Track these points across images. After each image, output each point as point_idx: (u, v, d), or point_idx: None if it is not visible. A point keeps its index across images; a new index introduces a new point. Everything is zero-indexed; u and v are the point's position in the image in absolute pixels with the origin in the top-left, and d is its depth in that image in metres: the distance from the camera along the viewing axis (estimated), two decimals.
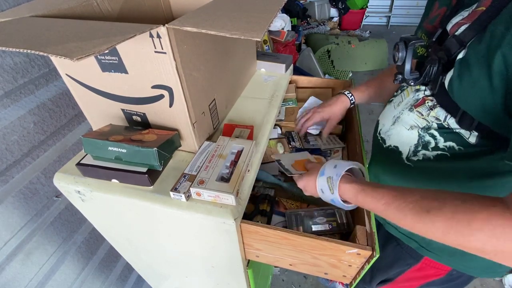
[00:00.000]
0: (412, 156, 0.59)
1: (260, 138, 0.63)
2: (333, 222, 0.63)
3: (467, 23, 0.47)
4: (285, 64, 0.86)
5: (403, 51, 0.54)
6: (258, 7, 0.42)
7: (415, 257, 0.67)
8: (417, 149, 0.57)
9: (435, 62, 0.51)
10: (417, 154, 0.58)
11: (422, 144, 0.56)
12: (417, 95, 0.58)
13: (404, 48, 0.53)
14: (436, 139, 0.54)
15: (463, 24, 0.48)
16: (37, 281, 0.73)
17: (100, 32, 0.34)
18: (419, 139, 0.56)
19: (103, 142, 0.49)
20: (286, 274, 1.52)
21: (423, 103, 0.56)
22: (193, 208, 0.49)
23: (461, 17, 0.50)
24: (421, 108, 0.56)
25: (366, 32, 3.82)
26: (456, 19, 0.51)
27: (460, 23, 0.49)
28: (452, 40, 0.49)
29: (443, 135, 0.53)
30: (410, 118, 0.58)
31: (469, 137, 0.49)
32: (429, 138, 0.55)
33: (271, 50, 2.06)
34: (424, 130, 0.55)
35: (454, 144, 0.52)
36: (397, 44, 0.55)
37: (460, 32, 0.48)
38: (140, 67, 0.46)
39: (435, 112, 0.53)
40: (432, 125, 0.54)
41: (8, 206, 0.62)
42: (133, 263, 0.87)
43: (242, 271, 0.65)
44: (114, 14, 0.58)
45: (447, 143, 0.53)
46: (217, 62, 0.58)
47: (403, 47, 0.53)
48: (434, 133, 0.54)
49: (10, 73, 0.58)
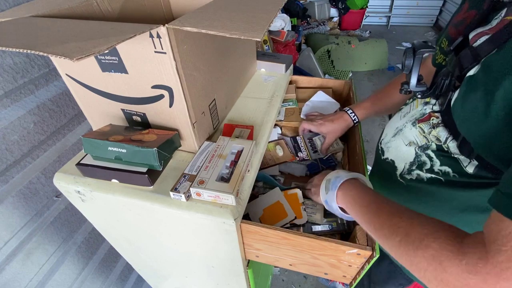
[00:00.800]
0: (405, 173, 0.56)
1: (260, 138, 0.63)
2: (333, 223, 0.63)
3: (490, 34, 0.40)
4: (285, 64, 0.86)
5: (410, 59, 0.49)
6: (258, 7, 0.42)
7: (406, 278, 0.65)
8: (412, 168, 0.54)
9: (448, 75, 0.46)
10: (411, 173, 0.54)
11: (417, 163, 0.52)
12: (424, 109, 0.53)
13: (412, 56, 0.48)
14: (432, 161, 0.50)
15: (485, 35, 0.41)
16: (37, 281, 0.73)
17: (100, 32, 0.34)
18: (415, 157, 0.53)
19: (103, 142, 0.49)
20: (286, 274, 1.52)
21: (428, 119, 0.51)
22: (193, 208, 0.49)
23: (490, 26, 0.42)
24: (424, 124, 0.51)
25: (366, 32, 3.83)
26: (482, 28, 0.43)
27: (483, 33, 0.42)
28: (467, 52, 0.42)
29: (439, 158, 0.49)
30: (411, 133, 0.54)
31: (467, 166, 0.45)
32: (425, 159, 0.51)
33: (271, 50, 2.06)
34: (422, 149, 0.51)
35: (450, 170, 0.48)
36: (406, 51, 0.50)
37: (478, 44, 0.41)
38: (140, 67, 0.46)
39: (436, 132, 0.49)
40: (431, 146, 0.50)
41: (8, 206, 0.62)
42: (133, 263, 0.87)
43: (242, 271, 0.65)
44: (114, 14, 0.58)
45: (442, 167, 0.49)
46: (217, 62, 0.58)
47: (411, 55, 0.49)
48: (431, 154, 0.50)
49: (10, 73, 0.58)
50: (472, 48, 0.42)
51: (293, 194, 0.67)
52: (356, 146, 0.73)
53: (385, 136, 0.63)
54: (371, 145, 2.25)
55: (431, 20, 4.15)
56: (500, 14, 0.40)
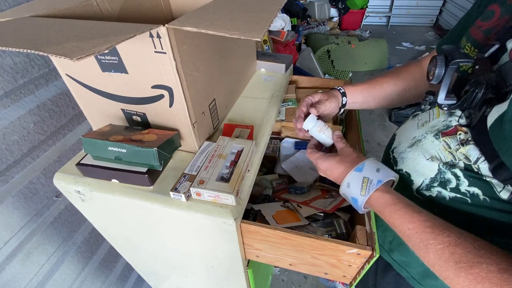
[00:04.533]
0: (424, 189, 0.49)
1: (260, 138, 0.63)
2: (332, 232, 0.63)
3: None
4: (285, 64, 0.86)
5: (442, 68, 0.41)
6: (258, 7, 0.42)
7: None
8: (432, 184, 0.48)
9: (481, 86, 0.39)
10: (430, 190, 0.48)
11: (440, 180, 0.47)
12: (449, 121, 0.47)
13: (444, 65, 0.41)
14: (459, 181, 0.44)
15: None
16: (37, 281, 0.73)
17: (100, 32, 0.34)
18: (438, 174, 0.47)
19: (103, 142, 0.49)
20: (286, 274, 1.52)
21: (454, 133, 0.45)
22: (193, 208, 0.49)
23: None
24: (450, 139, 0.45)
25: (366, 32, 3.83)
26: None
27: None
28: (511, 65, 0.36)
29: (468, 179, 0.43)
30: (434, 146, 0.47)
31: (501, 191, 0.40)
32: (450, 177, 0.45)
33: (271, 50, 2.06)
34: (447, 167, 0.45)
35: (479, 192, 0.42)
36: (436, 58, 0.42)
37: None
38: (140, 67, 0.46)
39: (465, 150, 0.43)
40: (458, 164, 0.44)
41: (8, 206, 0.62)
42: (133, 263, 0.87)
43: (242, 271, 0.65)
44: (114, 14, 0.58)
45: (471, 188, 0.43)
46: (217, 62, 0.58)
47: (443, 64, 0.41)
48: (458, 173, 0.44)
49: (10, 73, 0.58)
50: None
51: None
52: (356, 146, 0.73)
53: (399, 144, 0.56)
54: (371, 145, 2.25)
55: (431, 20, 4.15)
56: None
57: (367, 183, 0.47)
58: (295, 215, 0.66)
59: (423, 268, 0.54)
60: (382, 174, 0.47)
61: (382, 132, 2.37)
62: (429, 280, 0.54)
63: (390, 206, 0.43)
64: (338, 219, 0.65)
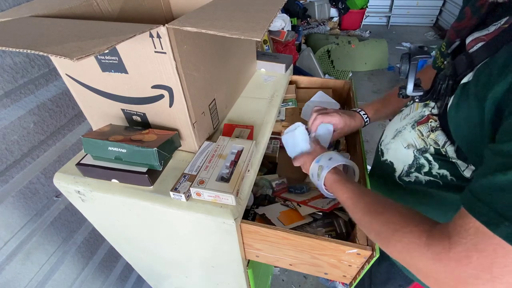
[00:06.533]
0: (404, 176, 0.56)
1: (260, 138, 0.63)
2: (332, 232, 0.63)
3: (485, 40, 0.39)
4: (285, 64, 0.86)
5: (406, 64, 0.49)
6: (258, 7, 0.42)
7: (405, 279, 0.65)
8: (410, 170, 0.54)
9: (445, 78, 0.46)
10: (409, 175, 0.55)
11: (416, 166, 0.53)
12: (423, 111, 0.53)
13: (408, 62, 0.49)
14: (431, 164, 0.50)
15: (482, 41, 0.40)
16: (37, 281, 0.73)
17: (100, 32, 0.34)
18: (414, 160, 0.53)
19: (103, 142, 0.49)
20: (286, 274, 1.52)
21: (426, 121, 0.51)
22: (193, 208, 0.49)
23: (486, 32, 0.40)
24: (423, 127, 0.51)
25: (366, 32, 3.83)
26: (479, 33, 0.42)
27: (480, 38, 0.41)
28: (462, 58, 0.43)
29: (437, 162, 0.49)
30: (410, 135, 0.54)
31: (464, 170, 0.46)
32: (423, 162, 0.51)
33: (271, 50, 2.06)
34: (420, 152, 0.52)
35: (447, 173, 0.48)
36: (402, 56, 0.50)
37: (474, 50, 0.40)
38: (140, 67, 0.46)
39: (435, 135, 0.49)
40: (429, 149, 0.50)
41: (8, 206, 0.62)
42: (133, 263, 0.87)
43: (242, 271, 0.65)
44: (114, 14, 0.58)
45: (440, 170, 0.49)
46: (217, 62, 0.58)
47: (407, 61, 0.49)
48: (429, 157, 0.50)
49: (10, 73, 0.58)
50: (467, 54, 0.42)
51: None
52: (357, 146, 0.73)
53: (385, 137, 0.63)
54: (371, 145, 2.25)
55: (431, 20, 4.15)
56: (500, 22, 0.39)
57: (321, 169, 0.56)
58: (298, 214, 0.66)
59: None
60: (332, 162, 0.56)
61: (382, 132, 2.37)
62: None
63: (336, 183, 0.53)
64: (338, 219, 0.65)
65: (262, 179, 0.84)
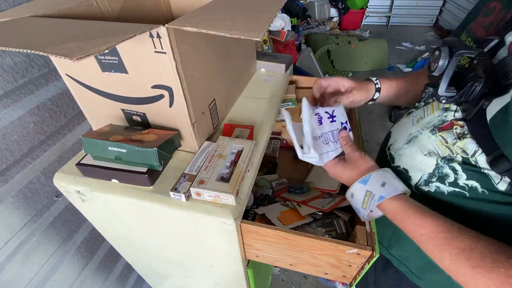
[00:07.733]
0: (422, 185, 0.50)
1: (260, 138, 0.63)
2: (332, 232, 0.63)
3: None
4: (285, 64, 0.86)
5: (446, 59, 0.41)
6: (258, 7, 0.42)
7: (413, 286, 0.61)
8: (431, 180, 0.48)
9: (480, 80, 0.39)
10: (429, 185, 0.49)
11: (438, 175, 0.47)
12: (444, 115, 0.47)
13: (448, 56, 0.41)
14: (457, 175, 0.44)
15: None
16: (37, 281, 0.73)
17: (100, 32, 0.34)
18: (436, 169, 0.47)
19: (103, 142, 0.49)
20: (286, 274, 1.52)
21: (450, 127, 0.45)
22: (193, 208, 0.49)
23: None
24: (447, 133, 0.45)
25: (366, 32, 3.83)
26: None
27: None
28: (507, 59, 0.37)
29: (466, 172, 0.43)
30: (430, 142, 0.48)
31: (498, 183, 0.40)
32: (448, 171, 0.45)
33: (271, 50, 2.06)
34: (445, 161, 0.46)
35: (478, 185, 0.42)
36: (439, 49, 0.42)
37: None
38: (140, 67, 0.46)
39: (463, 143, 0.43)
40: (456, 158, 0.44)
41: (8, 206, 0.62)
42: (133, 263, 0.87)
43: (242, 271, 0.65)
44: (114, 14, 0.58)
45: (469, 181, 0.43)
46: (217, 62, 0.58)
47: (446, 55, 0.41)
48: (456, 167, 0.44)
49: (10, 73, 0.58)
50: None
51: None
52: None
53: (395, 141, 0.57)
54: (371, 145, 2.25)
55: (431, 20, 4.15)
56: None
57: (369, 197, 0.47)
58: (298, 214, 0.66)
59: (422, 262, 0.54)
60: (386, 190, 0.47)
61: (382, 132, 2.37)
62: (428, 274, 0.54)
63: (400, 212, 0.44)
64: (338, 219, 0.65)
65: (262, 179, 0.85)
